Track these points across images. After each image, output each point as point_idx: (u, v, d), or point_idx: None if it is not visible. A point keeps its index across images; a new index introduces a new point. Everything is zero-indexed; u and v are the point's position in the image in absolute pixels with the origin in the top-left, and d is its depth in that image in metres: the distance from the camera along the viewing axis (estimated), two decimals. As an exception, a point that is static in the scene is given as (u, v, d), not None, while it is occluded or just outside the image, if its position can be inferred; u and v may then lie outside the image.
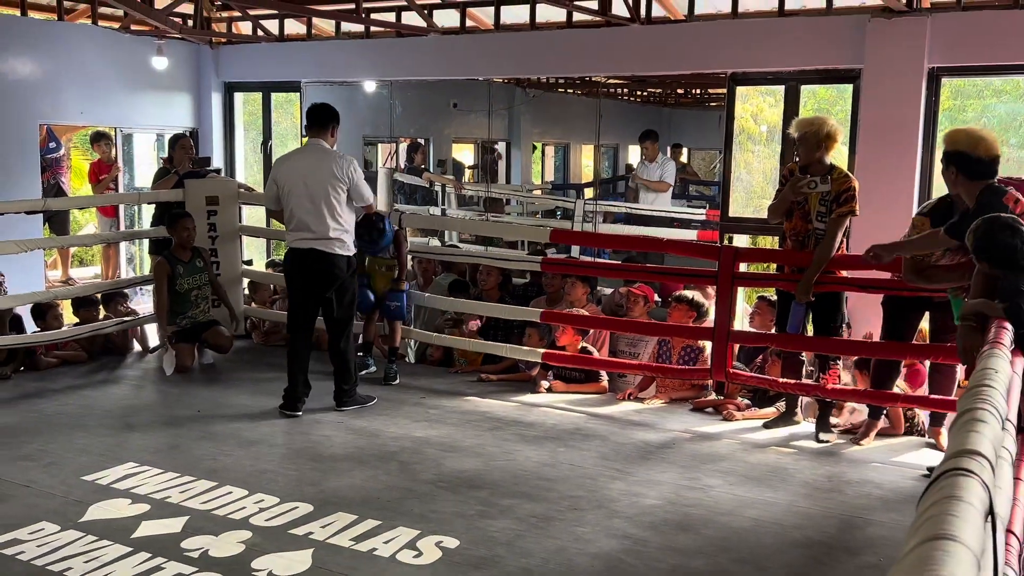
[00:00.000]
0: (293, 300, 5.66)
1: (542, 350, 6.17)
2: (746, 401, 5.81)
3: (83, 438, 5.09)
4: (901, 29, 6.57)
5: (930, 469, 4.61)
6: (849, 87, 6.98)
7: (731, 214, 7.45)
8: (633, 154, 12.35)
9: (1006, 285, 3.27)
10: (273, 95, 9.88)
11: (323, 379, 5.91)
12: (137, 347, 7.15)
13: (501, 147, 11.60)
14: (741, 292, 6.13)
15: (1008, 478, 1.79)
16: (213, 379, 6.45)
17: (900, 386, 5.28)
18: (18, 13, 8.29)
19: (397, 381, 6.32)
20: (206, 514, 4.03)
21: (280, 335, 7.52)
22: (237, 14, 9.50)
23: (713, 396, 5.90)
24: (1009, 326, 3.04)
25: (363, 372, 6.35)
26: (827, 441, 5.21)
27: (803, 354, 5.47)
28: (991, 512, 1.32)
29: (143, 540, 3.76)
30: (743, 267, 5.82)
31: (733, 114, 7.55)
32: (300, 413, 5.57)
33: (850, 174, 5.16)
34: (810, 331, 5.34)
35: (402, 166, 10.60)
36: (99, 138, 9.20)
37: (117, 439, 5.10)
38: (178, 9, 8.95)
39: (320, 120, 5.51)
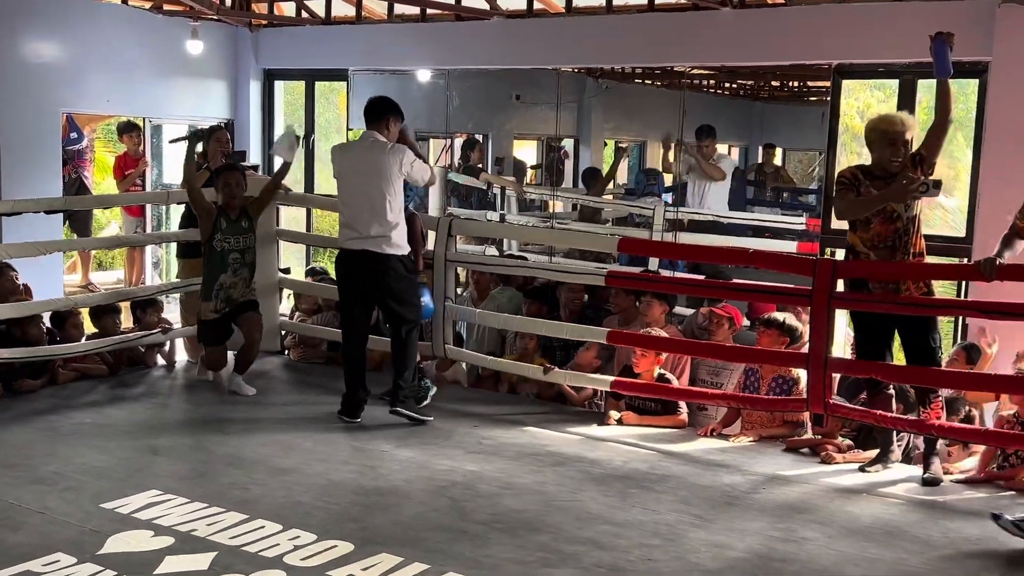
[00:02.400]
0: (344, 303, 5.80)
1: (612, 378, 6.15)
2: (848, 441, 5.72)
3: (103, 461, 5.20)
4: (1037, 15, 6.44)
5: (994, 515, 4.50)
6: (974, 82, 6.86)
7: (834, 225, 7.35)
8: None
9: None
10: (317, 84, 10.04)
11: (368, 407, 5.98)
12: (162, 361, 7.30)
13: (568, 144, 11.60)
14: (842, 314, 6.02)
15: None
16: (244, 400, 6.55)
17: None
18: (43, -8, 8.56)
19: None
20: (235, 550, 4.10)
21: (318, 352, 7.64)
22: (279, -7, 9.69)
23: (809, 435, 5.82)
24: None
25: (425, 401, 6.27)
26: (935, 484, 5.11)
27: (891, 386, 5.36)
28: None
29: (167, 578, 3.83)
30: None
31: (838, 111, 7.47)
32: (360, 419, 5.89)
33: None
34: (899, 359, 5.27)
35: (456, 164, 10.68)
36: (126, 129, 9.44)
37: (139, 463, 5.21)
38: (215, -13, 9.18)
39: (376, 111, 5.74)
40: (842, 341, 6.48)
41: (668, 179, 11.88)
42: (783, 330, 5.97)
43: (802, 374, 5.67)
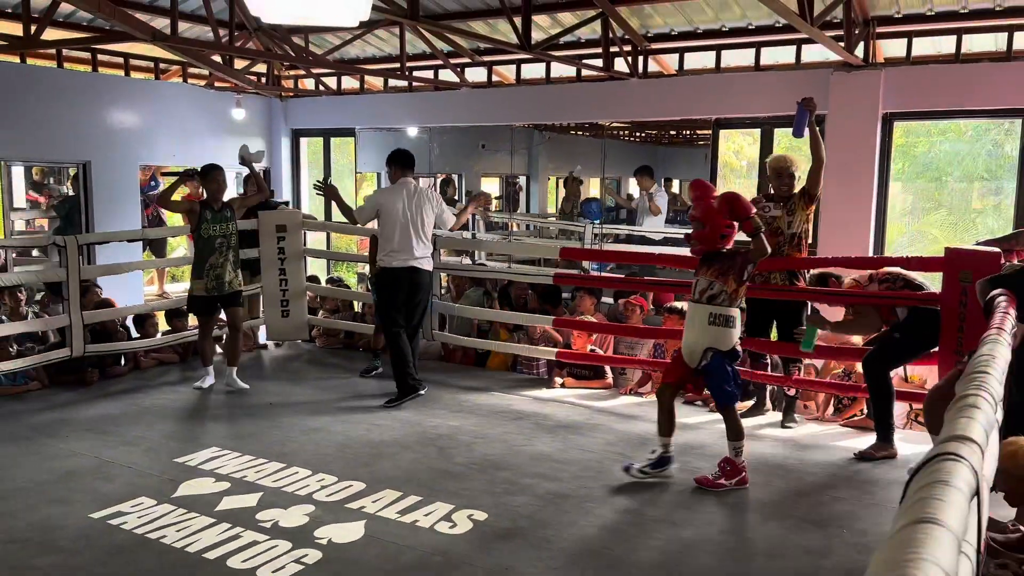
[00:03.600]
0: (392, 308, 5.66)
1: (556, 350, 6.17)
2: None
3: (175, 426, 5.15)
4: (859, 80, 6.54)
5: (857, 454, 4.60)
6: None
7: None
8: (632, 186, 12.34)
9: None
10: (332, 139, 9.97)
11: (376, 379, 5.95)
12: (219, 350, 7.21)
13: (522, 180, 11.62)
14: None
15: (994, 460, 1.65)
16: (281, 376, 6.50)
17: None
18: (123, 74, 8.44)
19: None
20: (276, 491, 4.07)
21: (338, 340, 7.60)
22: (302, 72, 9.60)
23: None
24: (1013, 310, 2.90)
25: (373, 372, 6.42)
26: (791, 427, 5.18)
27: (767, 356, 5.42)
28: (977, 495, 1.21)
29: (224, 513, 3.80)
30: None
31: (717, 152, 7.54)
32: (424, 389, 5.79)
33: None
34: (774, 336, 5.29)
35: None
36: (191, 176, 9.31)
37: (203, 427, 5.16)
38: (254, 69, 9.08)
39: (409, 163, 5.76)
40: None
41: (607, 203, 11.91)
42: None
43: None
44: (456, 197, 10.73)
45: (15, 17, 6.82)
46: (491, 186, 11.71)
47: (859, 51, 6.46)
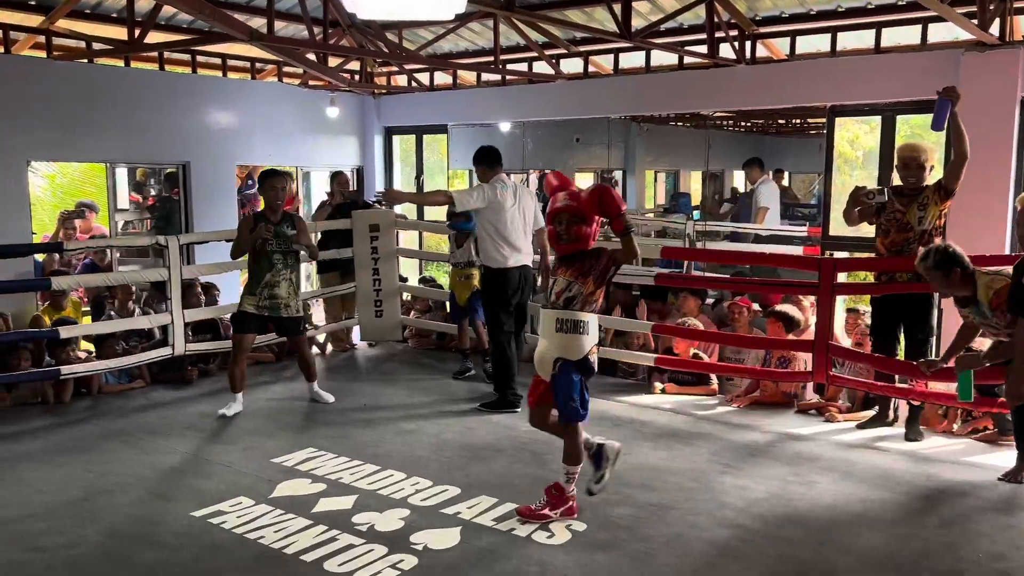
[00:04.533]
0: (505, 309, 5.67)
1: (655, 355, 6.08)
2: (848, 404, 5.55)
3: (272, 425, 5.34)
4: (994, 61, 6.16)
5: (1001, 477, 4.33)
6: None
7: (831, 233, 7.14)
8: (738, 178, 12.05)
9: None
10: (424, 136, 10.13)
11: (468, 381, 6.01)
12: (315, 350, 7.44)
13: (618, 175, 11.53)
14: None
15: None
16: (375, 377, 6.64)
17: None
18: (220, 75, 8.82)
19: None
20: (372, 493, 4.16)
21: (431, 340, 7.72)
22: (395, 69, 9.81)
23: (817, 399, 5.67)
24: None
25: (466, 374, 6.47)
26: (916, 440, 4.92)
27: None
28: None
29: (321, 515, 3.90)
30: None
31: (832, 142, 7.25)
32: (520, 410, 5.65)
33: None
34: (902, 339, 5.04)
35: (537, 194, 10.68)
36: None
37: (298, 427, 5.32)
38: (347, 67, 9.34)
39: (497, 159, 5.70)
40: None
41: (695, 198, 11.73)
42: (783, 319, 5.79)
43: (798, 354, 5.55)
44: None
45: (120, 22, 7.23)
46: (585, 182, 11.67)
47: (994, 28, 6.09)
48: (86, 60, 7.57)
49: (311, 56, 7.82)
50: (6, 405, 5.77)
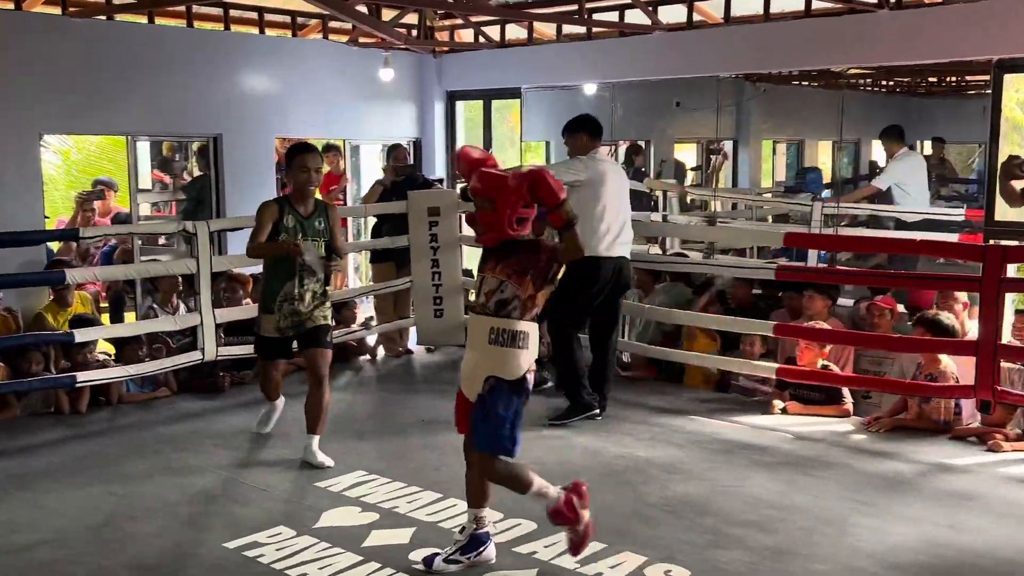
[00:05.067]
0: (587, 304, 5.76)
1: (775, 365, 6.02)
2: (1017, 430, 5.38)
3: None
4: None
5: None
6: None
7: (997, 216, 6.90)
8: (877, 150, 11.75)
9: None
10: (493, 102, 10.20)
11: (544, 395, 6.05)
12: (367, 357, 7.60)
13: (728, 146, 11.36)
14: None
15: None
16: (435, 388, 6.74)
17: None
18: (256, 31, 9.05)
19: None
20: (432, 526, 4.24)
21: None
22: (459, 22, 9.90)
23: (976, 424, 5.51)
24: None
25: (542, 386, 6.47)
26: None
27: None
28: None
29: (373, 549, 4.00)
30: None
31: (999, 104, 7.01)
32: (599, 417, 5.88)
33: None
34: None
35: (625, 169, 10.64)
36: (329, 150, 9.86)
37: (347, 446, 5.45)
38: (404, 20, 9.46)
39: (599, 131, 5.87)
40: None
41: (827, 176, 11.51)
42: (936, 327, 5.63)
43: (952, 369, 5.41)
44: (645, 169, 10.68)
45: (144, -28, 7.51)
46: (688, 154, 11.56)
47: None
48: (105, 17, 7.86)
49: (361, 8, 7.96)
50: (15, 415, 6.08)
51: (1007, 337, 5.63)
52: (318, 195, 5.17)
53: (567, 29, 9.33)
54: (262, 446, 5.45)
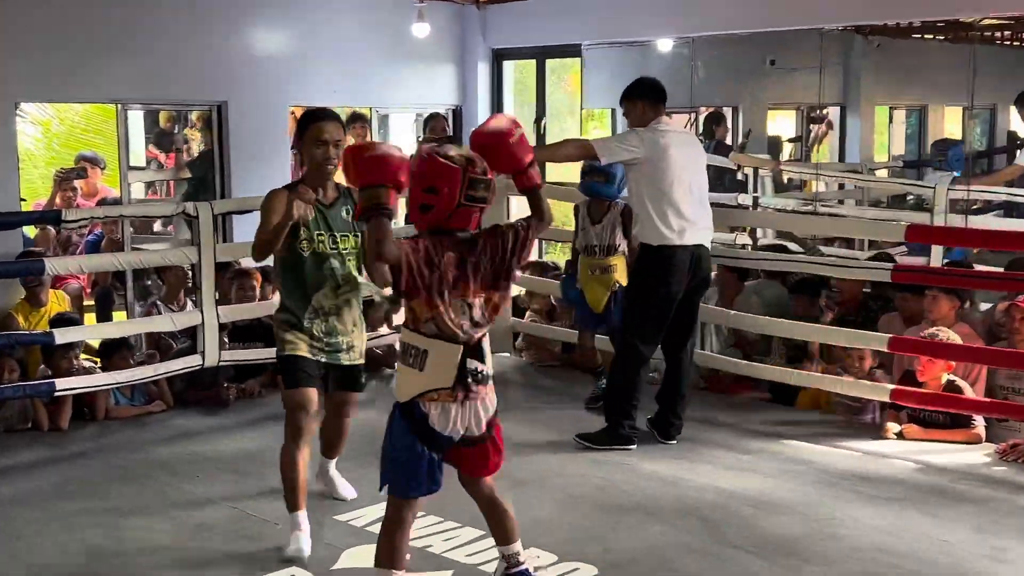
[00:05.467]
0: (666, 305, 5.76)
1: (892, 386, 5.95)
2: None
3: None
4: None
5: None
6: None
7: None
8: (1016, 119, 11.53)
9: None
10: (548, 62, 10.19)
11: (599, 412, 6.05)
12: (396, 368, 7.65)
13: (834, 113, 11.23)
14: None
15: None
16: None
17: None
18: (268, -22, 9.10)
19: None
20: (472, 569, 4.26)
21: (553, 354, 7.79)
22: (506, -37, 9.88)
23: None
24: None
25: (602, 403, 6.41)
26: None
27: None
28: None
29: (402, 596, 4.02)
30: None
31: None
32: (675, 441, 5.94)
33: None
34: None
35: (703, 142, 10.55)
36: (354, 120, 9.91)
37: (371, 473, 5.44)
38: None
39: (663, 96, 5.86)
40: None
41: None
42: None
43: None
44: (730, 142, 10.60)
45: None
46: (785, 123, 11.45)
47: None
48: (91, -35, 7.97)
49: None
50: (-15, 430, 6.21)
51: None
52: (340, 177, 4.32)
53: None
54: (273, 472, 5.49)
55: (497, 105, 10.43)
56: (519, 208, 9.69)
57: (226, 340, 6.80)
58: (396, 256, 3.43)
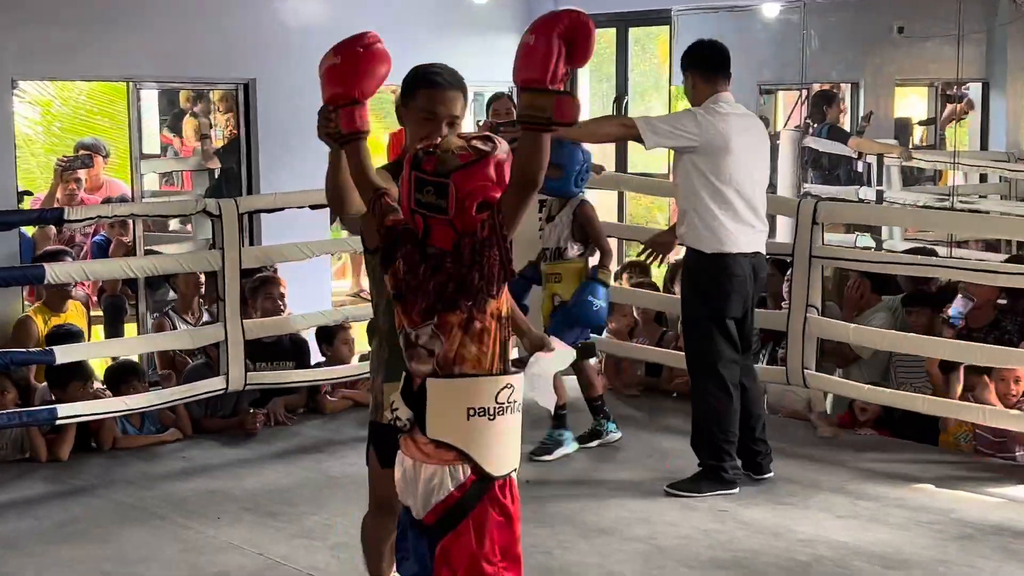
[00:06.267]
0: (727, 320, 5.76)
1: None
2: None
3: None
4: None
5: None
6: None
7: None
8: None
9: None
10: (631, 30, 10.17)
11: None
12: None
13: (974, 91, 11.10)
14: None
15: None
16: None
17: None
18: (302, -62, 9.19)
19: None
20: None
21: (635, 376, 7.76)
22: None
23: None
24: None
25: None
26: None
27: None
28: None
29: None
30: None
31: None
32: (771, 473, 5.94)
33: None
34: None
35: (812, 126, 10.44)
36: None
37: (421, 516, 5.50)
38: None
39: (721, 67, 5.74)
40: None
41: None
42: None
43: None
44: (848, 127, 10.50)
45: None
46: (916, 103, 11.32)
47: None
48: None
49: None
50: (-22, 462, 6.30)
51: None
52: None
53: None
54: (304, 512, 5.54)
55: (570, 82, 10.44)
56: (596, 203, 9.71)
57: (250, 362, 6.80)
58: None
